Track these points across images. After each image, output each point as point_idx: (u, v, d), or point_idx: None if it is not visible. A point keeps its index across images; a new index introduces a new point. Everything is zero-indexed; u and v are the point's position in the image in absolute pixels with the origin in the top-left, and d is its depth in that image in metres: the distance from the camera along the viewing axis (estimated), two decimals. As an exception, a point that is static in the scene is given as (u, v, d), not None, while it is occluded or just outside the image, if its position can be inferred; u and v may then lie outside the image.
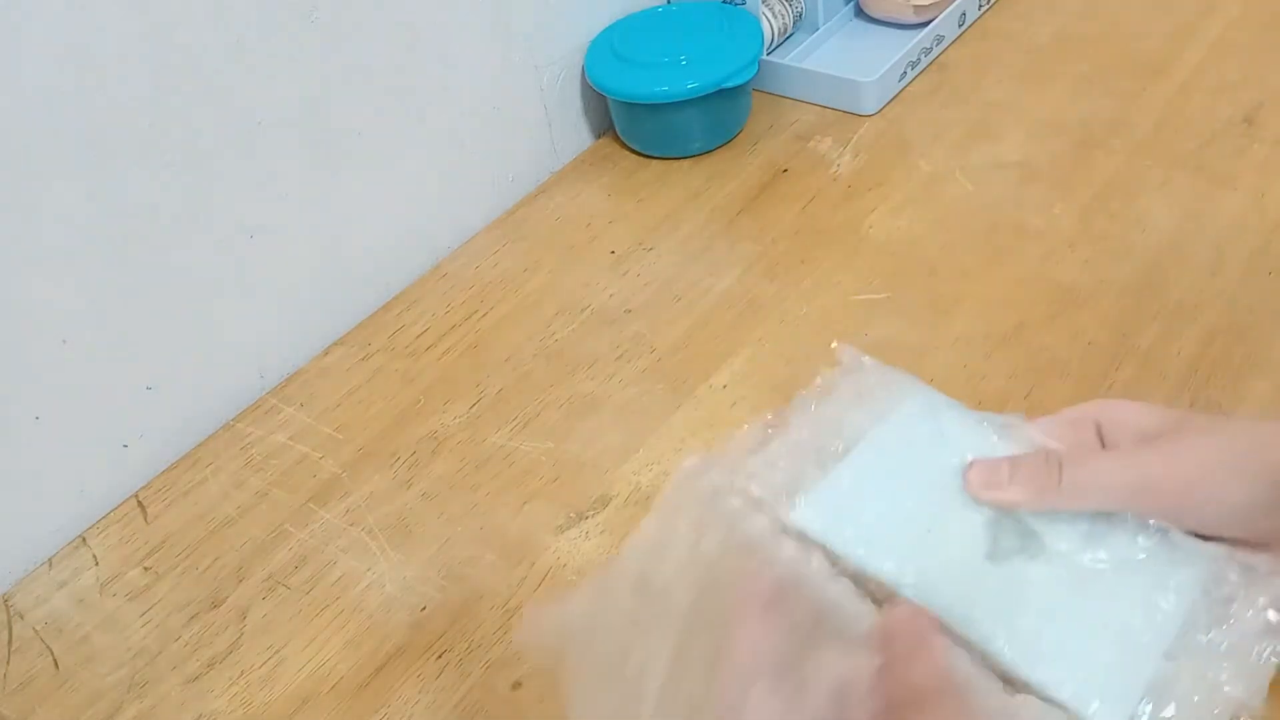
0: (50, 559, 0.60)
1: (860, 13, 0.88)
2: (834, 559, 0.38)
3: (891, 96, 0.80)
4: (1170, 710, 0.37)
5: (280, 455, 0.63)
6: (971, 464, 0.41)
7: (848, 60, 0.83)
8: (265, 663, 0.53)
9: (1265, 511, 0.39)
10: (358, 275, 0.71)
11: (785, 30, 0.84)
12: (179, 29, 0.57)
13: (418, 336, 0.69)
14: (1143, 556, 0.39)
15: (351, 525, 0.58)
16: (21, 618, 0.57)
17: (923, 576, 0.38)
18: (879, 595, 0.37)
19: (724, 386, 0.61)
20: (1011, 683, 0.36)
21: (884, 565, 0.37)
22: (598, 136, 0.84)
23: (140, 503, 0.62)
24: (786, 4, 0.83)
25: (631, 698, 0.36)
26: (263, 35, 0.60)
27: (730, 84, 0.74)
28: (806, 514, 0.39)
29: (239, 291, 0.65)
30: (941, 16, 0.82)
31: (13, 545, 0.59)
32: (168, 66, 0.57)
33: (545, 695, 0.49)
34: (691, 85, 0.74)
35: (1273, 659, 0.37)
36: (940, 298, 0.64)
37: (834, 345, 0.44)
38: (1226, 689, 0.37)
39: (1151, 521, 0.40)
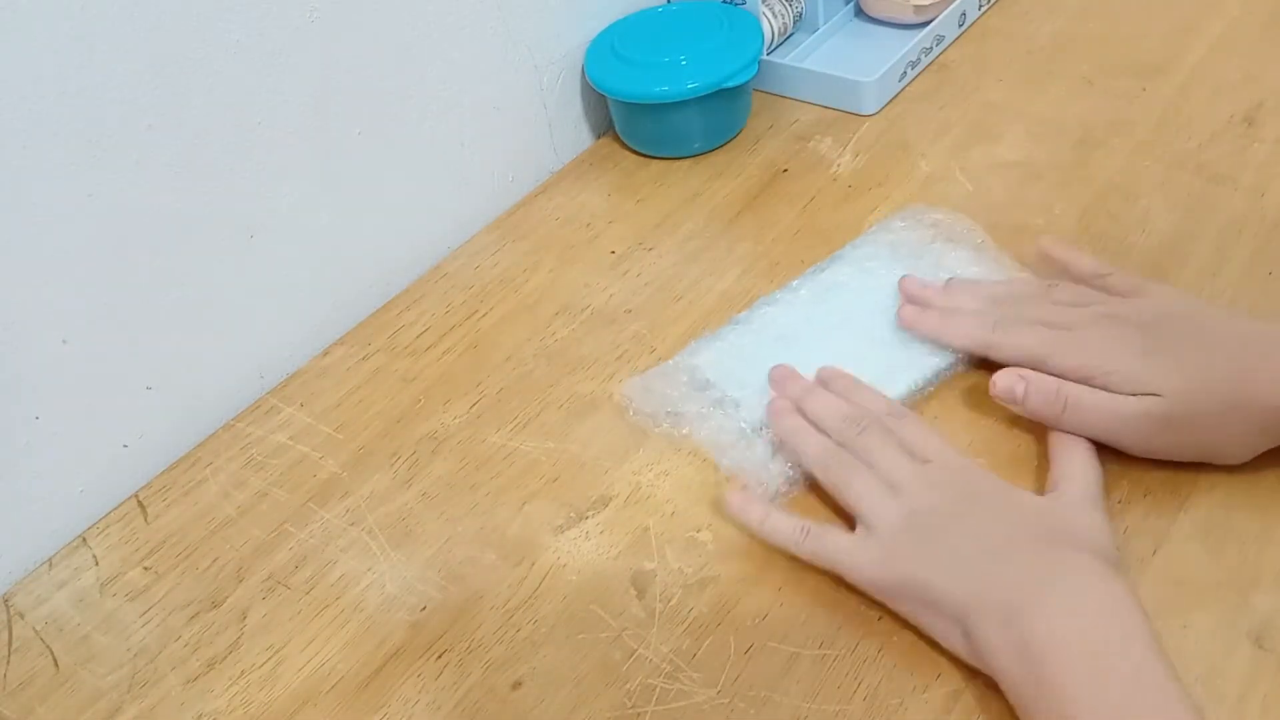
0: (50, 559, 0.60)
1: (860, 13, 0.88)
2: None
3: (891, 96, 0.80)
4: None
5: (280, 455, 0.63)
6: (999, 376, 0.54)
7: (848, 60, 0.83)
8: (265, 663, 0.53)
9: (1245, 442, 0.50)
10: (358, 275, 0.71)
11: (785, 30, 0.84)
12: (179, 29, 0.57)
13: (418, 336, 0.69)
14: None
15: (351, 525, 0.58)
16: (21, 618, 0.57)
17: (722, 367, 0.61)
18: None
19: (724, 386, 0.61)
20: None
21: (698, 359, 0.61)
22: (598, 136, 0.84)
23: (140, 503, 0.62)
24: (786, 4, 0.83)
25: None
26: (263, 35, 0.60)
27: (730, 84, 0.74)
28: (691, 348, 0.62)
29: (239, 291, 0.65)
30: (941, 16, 0.82)
31: (13, 545, 0.59)
32: (168, 67, 0.57)
33: (545, 695, 0.49)
34: (691, 85, 0.74)
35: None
36: (940, 298, 0.63)
37: None
38: None
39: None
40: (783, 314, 0.63)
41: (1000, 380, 0.53)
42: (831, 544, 0.50)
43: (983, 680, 0.46)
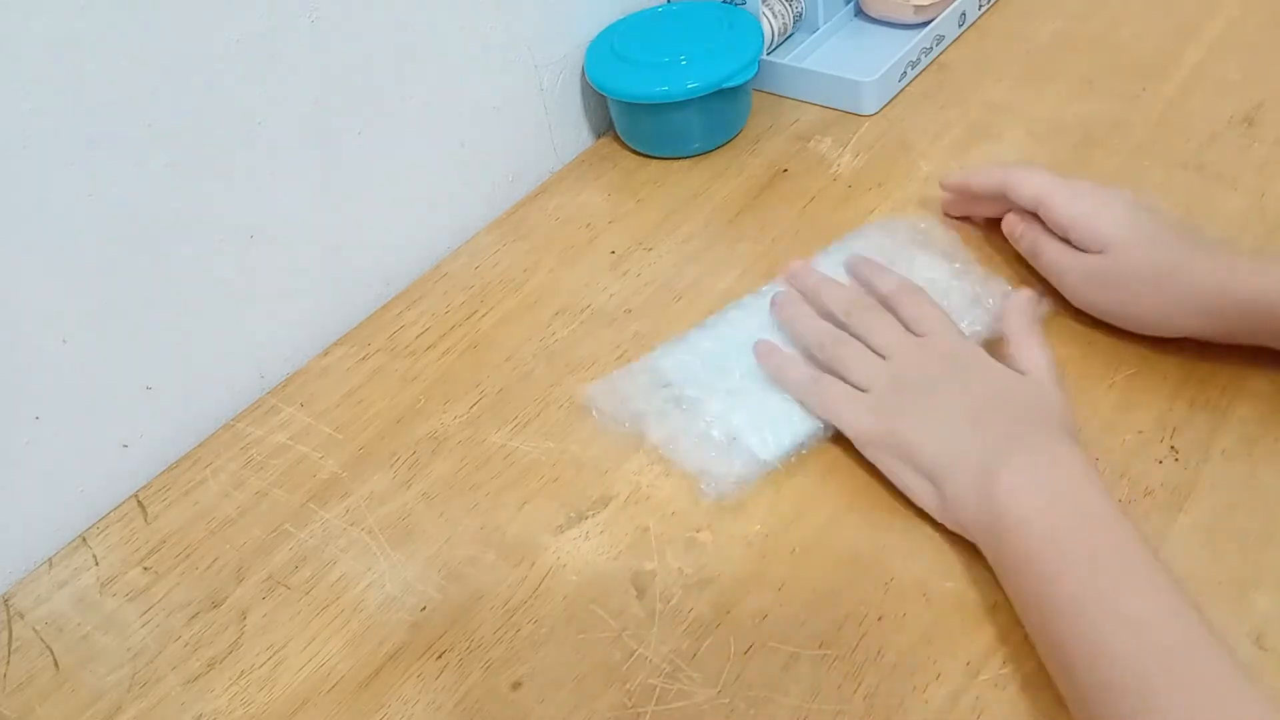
0: (50, 559, 0.60)
1: (860, 13, 0.88)
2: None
3: (891, 96, 0.80)
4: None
5: (280, 455, 0.63)
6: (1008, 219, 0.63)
7: (848, 60, 0.83)
8: (265, 663, 0.53)
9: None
10: (358, 275, 0.71)
11: (785, 30, 0.84)
12: (179, 29, 0.57)
13: (418, 336, 0.69)
14: None
15: (351, 525, 0.58)
16: (21, 618, 0.57)
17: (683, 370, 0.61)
18: None
19: (724, 386, 0.61)
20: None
21: (662, 362, 0.62)
22: (598, 136, 0.84)
23: (140, 503, 0.62)
24: (786, 4, 0.83)
25: None
26: (263, 35, 0.60)
27: (730, 84, 0.75)
28: (658, 352, 0.63)
29: (239, 291, 0.65)
30: (941, 16, 0.82)
31: (13, 545, 0.59)
32: (168, 66, 0.57)
33: (545, 695, 0.49)
34: (691, 85, 0.74)
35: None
36: (940, 298, 0.63)
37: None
38: None
39: None
40: (749, 317, 0.63)
41: (1007, 222, 0.63)
42: (832, 393, 0.55)
43: (983, 680, 0.46)
